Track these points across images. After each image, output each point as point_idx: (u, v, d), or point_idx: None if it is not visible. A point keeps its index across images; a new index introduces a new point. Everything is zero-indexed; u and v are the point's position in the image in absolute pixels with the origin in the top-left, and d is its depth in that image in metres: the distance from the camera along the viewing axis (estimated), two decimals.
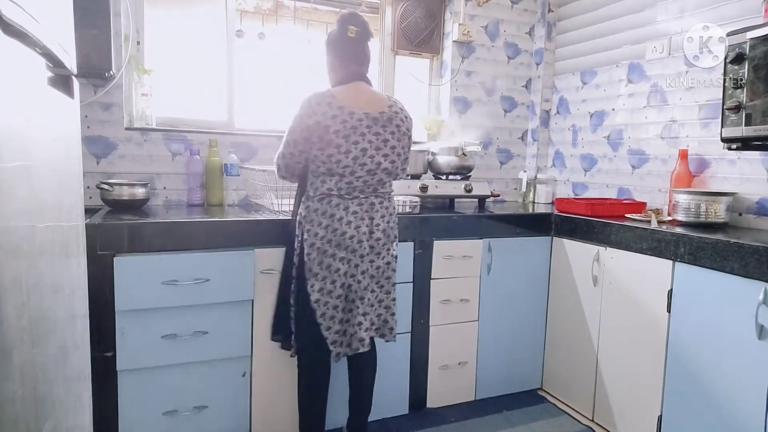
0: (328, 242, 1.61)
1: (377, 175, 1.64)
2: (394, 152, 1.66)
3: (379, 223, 1.67)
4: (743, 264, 1.53)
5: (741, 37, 1.69)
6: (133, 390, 1.67)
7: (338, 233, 1.60)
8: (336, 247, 1.61)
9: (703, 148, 2.12)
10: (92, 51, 1.83)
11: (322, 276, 1.61)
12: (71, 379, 0.88)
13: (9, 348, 0.55)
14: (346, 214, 1.61)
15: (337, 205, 1.60)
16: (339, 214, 1.60)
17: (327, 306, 1.62)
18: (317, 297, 1.61)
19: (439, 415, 2.17)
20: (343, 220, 1.61)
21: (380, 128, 1.62)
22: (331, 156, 1.56)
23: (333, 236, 1.60)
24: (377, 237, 1.67)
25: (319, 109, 1.56)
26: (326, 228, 1.60)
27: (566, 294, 2.28)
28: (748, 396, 1.53)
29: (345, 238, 1.61)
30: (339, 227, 1.60)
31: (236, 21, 2.43)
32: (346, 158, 1.57)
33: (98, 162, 2.12)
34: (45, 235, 0.72)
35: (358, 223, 1.62)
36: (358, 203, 1.63)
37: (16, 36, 0.61)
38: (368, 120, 1.60)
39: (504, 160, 3.01)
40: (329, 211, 1.60)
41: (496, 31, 2.89)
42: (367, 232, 1.65)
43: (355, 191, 1.62)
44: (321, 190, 1.61)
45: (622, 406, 2.00)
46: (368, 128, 1.59)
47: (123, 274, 1.62)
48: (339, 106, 1.57)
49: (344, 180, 1.60)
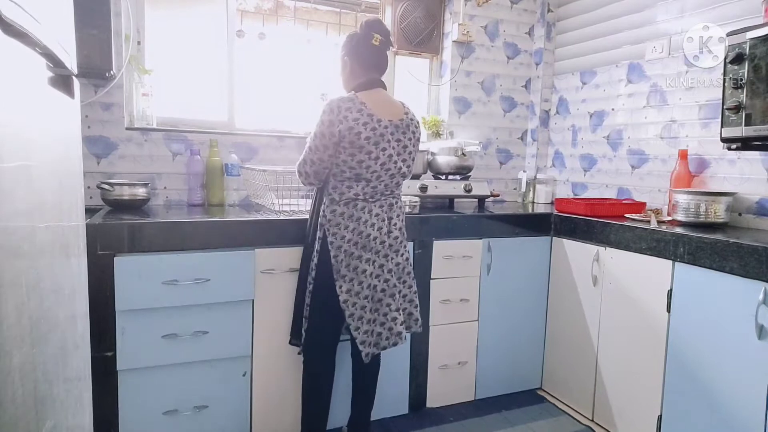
0: (354, 245, 1.65)
1: (396, 178, 1.71)
2: (411, 157, 1.75)
3: (396, 222, 1.74)
4: (743, 264, 1.53)
5: (741, 37, 1.69)
6: (134, 390, 1.68)
7: (363, 235, 1.65)
8: (362, 249, 1.66)
9: (703, 148, 2.12)
10: (93, 51, 1.83)
11: (350, 278, 1.65)
12: (71, 379, 0.88)
13: (9, 348, 0.55)
14: (370, 216, 1.66)
15: (362, 209, 1.65)
16: (364, 218, 1.66)
17: (355, 306, 1.66)
18: (345, 298, 1.65)
19: (439, 414, 2.17)
20: (367, 222, 1.66)
21: (401, 135, 1.69)
22: (362, 162, 1.61)
23: (359, 239, 1.65)
24: (395, 236, 1.73)
25: (351, 116, 1.58)
26: (353, 231, 1.65)
27: (566, 294, 2.28)
28: (748, 396, 1.53)
29: (369, 239, 1.66)
30: (364, 230, 1.65)
31: (237, 21, 2.43)
32: (375, 164, 1.62)
33: (99, 162, 2.12)
34: (45, 235, 0.72)
35: (380, 224, 1.68)
36: (380, 205, 1.69)
37: (17, 36, 0.61)
38: (392, 127, 1.66)
39: (503, 160, 3.01)
40: (356, 215, 1.65)
41: (496, 31, 2.90)
42: (387, 232, 1.70)
43: (376, 194, 1.68)
44: (347, 195, 1.65)
45: (621, 406, 2.00)
46: (392, 135, 1.66)
47: (123, 273, 1.62)
48: (369, 114, 1.61)
49: (370, 185, 1.65)
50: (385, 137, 1.63)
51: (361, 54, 1.70)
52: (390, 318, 1.70)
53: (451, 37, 2.79)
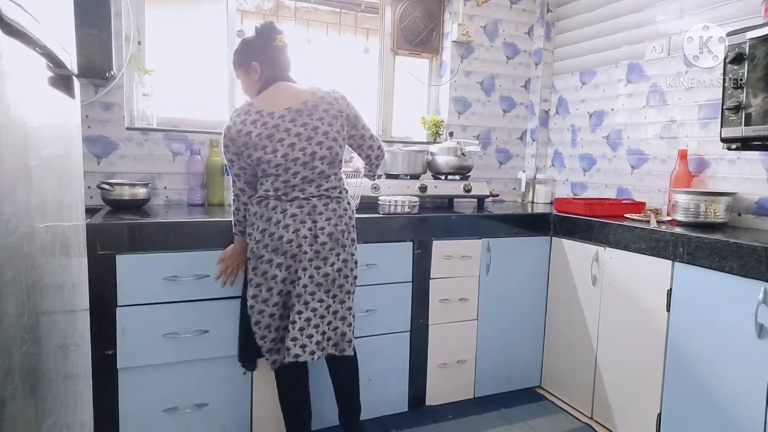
0: (265, 247, 1.55)
1: (316, 167, 1.57)
2: (329, 137, 1.59)
3: (324, 226, 1.58)
4: (742, 264, 1.53)
5: (741, 37, 1.69)
6: (134, 387, 1.68)
7: (275, 237, 1.54)
8: (273, 252, 1.54)
9: (703, 148, 2.12)
10: (93, 51, 1.83)
11: (257, 282, 1.56)
12: (72, 377, 0.88)
13: (9, 346, 0.56)
14: (283, 217, 1.55)
15: (274, 208, 1.55)
16: (276, 218, 1.55)
17: (262, 314, 1.57)
18: (251, 303, 1.58)
19: (438, 412, 2.18)
20: (280, 223, 1.54)
21: (306, 118, 1.57)
22: (260, 159, 1.54)
23: (270, 240, 1.54)
24: (322, 241, 1.57)
25: (239, 119, 1.55)
26: (263, 232, 1.55)
27: (565, 293, 2.29)
28: (747, 394, 1.53)
29: (282, 242, 1.53)
30: (276, 231, 1.54)
31: (237, 21, 2.43)
32: (275, 157, 1.54)
33: (99, 162, 2.13)
34: (45, 235, 0.73)
35: (297, 226, 1.55)
36: (298, 205, 1.56)
37: (17, 36, 0.61)
38: (291, 114, 1.56)
39: (503, 160, 3.02)
40: (266, 215, 1.56)
41: (495, 31, 2.90)
42: (310, 236, 1.56)
43: (293, 191, 1.57)
44: (259, 192, 1.58)
45: (621, 404, 2.01)
46: (292, 122, 1.56)
47: (125, 269, 1.63)
48: (257, 111, 1.56)
49: (280, 179, 1.55)
50: (280, 127, 1.54)
51: (268, 55, 1.64)
52: (305, 334, 1.56)
53: (451, 37, 2.79)
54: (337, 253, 1.61)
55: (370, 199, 2.20)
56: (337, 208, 1.62)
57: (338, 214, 1.62)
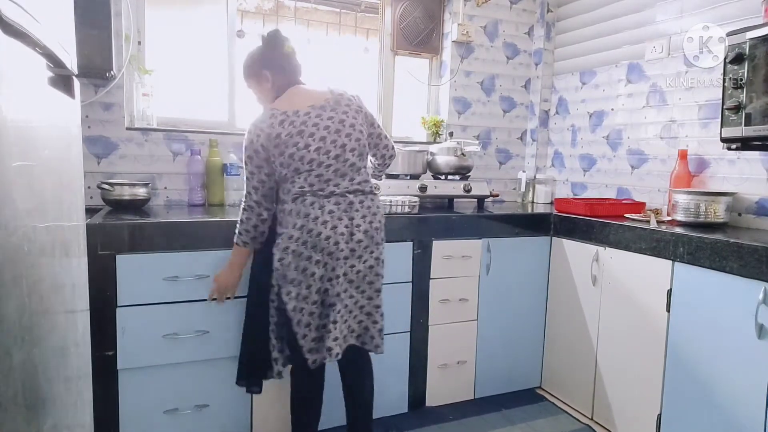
0: (303, 244, 1.52)
1: (348, 159, 1.58)
2: (356, 129, 1.61)
3: (360, 223, 1.58)
4: (743, 264, 1.53)
5: (741, 37, 1.69)
6: (134, 389, 1.68)
7: (314, 234, 1.51)
8: (312, 249, 1.52)
9: (703, 148, 2.12)
10: (93, 51, 1.83)
11: (298, 281, 1.53)
12: (72, 378, 0.88)
13: (9, 347, 0.56)
14: (321, 213, 1.53)
15: (312, 204, 1.53)
16: (314, 214, 1.52)
17: (303, 312, 1.54)
18: (294, 304, 1.53)
19: (438, 413, 2.18)
20: (318, 219, 1.52)
21: (331, 112, 1.58)
22: (292, 155, 1.52)
23: (308, 237, 1.51)
24: (358, 239, 1.57)
25: (264, 125, 1.54)
26: (301, 229, 1.52)
27: (565, 294, 2.28)
28: (747, 395, 1.53)
29: (320, 239, 1.52)
30: (314, 227, 1.51)
31: (237, 21, 2.43)
32: (308, 152, 1.53)
33: (99, 162, 2.12)
34: (45, 235, 0.72)
35: (335, 223, 1.54)
36: (335, 202, 1.55)
37: (17, 36, 0.61)
38: (315, 110, 1.57)
39: (503, 160, 3.01)
40: (303, 211, 1.53)
41: (495, 31, 2.90)
42: (346, 234, 1.55)
43: (328, 186, 1.56)
44: (293, 190, 1.55)
45: (621, 405, 2.01)
46: (318, 117, 1.56)
47: (125, 270, 1.63)
48: (282, 112, 1.55)
49: (313, 174, 1.54)
50: (308, 123, 1.54)
51: (278, 63, 1.64)
52: (339, 328, 1.56)
53: (451, 37, 2.79)
54: (371, 251, 1.62)
55: None
56: (371, 205, 1.62)
57: (372, 211, 1.62)
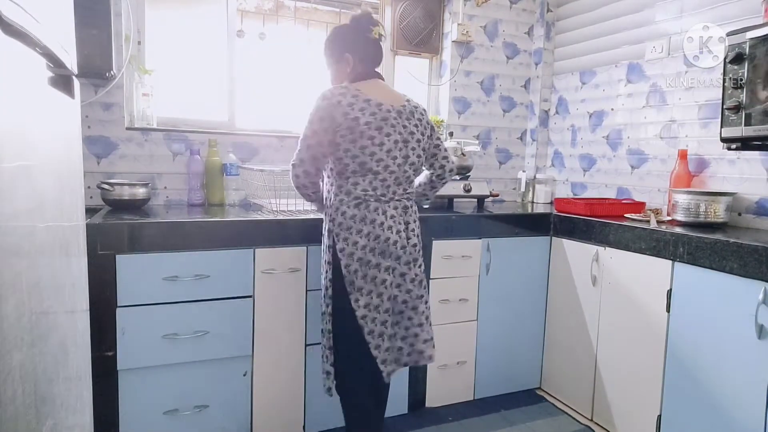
0: (371, 251, 1.48)
1: (407, 171, 1.57)
2: (420, 146, 1.61)
3: (414, 228, 1.61)
4: (743, 264, 1.53)
5: (741, 37, 1.69)
6: (134, 389, 1.68)
7: (381, 240, 1.49)
8: (380, 255, 1.49)
9: (703, 148, 2.12)
10: (93, 51, 1.83)
11: (368, 290, 1.49)
12: (71, 379, 0.88)
13: (9, 347, 0.56)
14: (386, 218, 1.50)
15: (375, 210, 1.49)
16: (380, 219, 1.49)
17: (375, 322, 1.49)
18: (364, 313, 1.48)
19: (438, 414, 2.17)
20: (384, 225, 1.50)
21: (405, 121, 1.57)
22: (364, 148, 1.47)
23: (376, 244, 1.48)
24: (414, 243, 1.59)
25: (345, 101, 1.47)
26: (367, 236, 1.48)
27: (565, 294, 2.28)
28: (747, 395, 1.53)
29: (389, 244, 1.50)
30: (381, 233, 1.49)
31: (237, 21, 2.43)
32: (380, 150, 1.48)
33: (99, 162, 2.12)
34: (45, 235, 0.72)
35: (397, 227, 1.53)
36: (394, 206, 1.54)
37: (16, 36, 0.61)
38: (394, 112, 1.54)
39: (503, 160, 3.01)
40: (369, 217, 1.49)
41: (495, 31, 2.90)
42: (405, 238, 1.56)
43: (389, 192, 1.53)
44: (355, 193, 1.49)
45: (621, 406, 2.00)
46: (396, 120, 1.53)
47: (125, 270, 1.62)
48: (365, 99, 1.50)
49: (378, 178, 1.50)
50: (388, 121, 1.50)
51: (360, 47, 1.61)
52: (412, 333, 1.56)
53: (451, 37, 2.79)
54: (421, 254, 1.65)
55: None
56: (416, 210, 1.66)
57: (417, 215, 1.66)
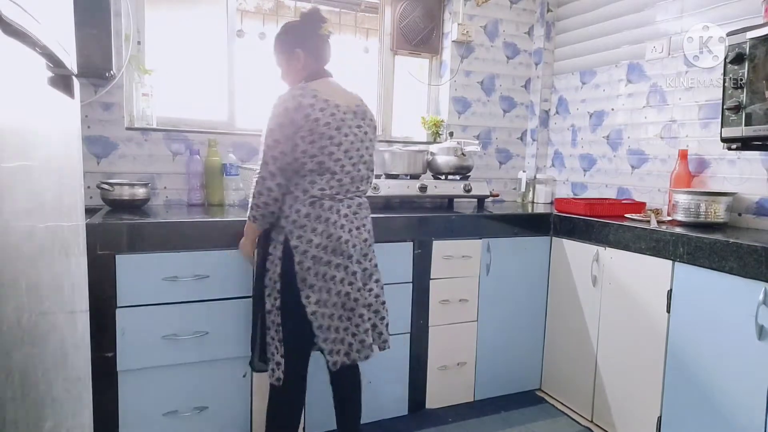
0: (324, 249, 1.52)
1: (360, 170, 1.61)
2: (372, 145, 1.67)
3: (365, 223, 1.65)
4: (743, 264, 1.53)
5: (741, 37, 1.69)
6: (134, 390, 1.68)
7: (333, 238, 1.53)
8: (332, 253, 1.53)
9: (703, 148, 2.12)
10: (93, 51, 1.83)
11: (319, 287, 1.52)
12: (71, 379, 0.88)
13: (9, 348, 0.55)
14: (339, 217, 1.54)
15: (330, 208, 1.53)
16: (333, 218, 1.53)
17: (324, 317, 1.54)
18: (314, 309, 1.52)
19: (438, 415, 2.17)
20: (337, 223, 1.54)
21: (360, 121, 1.61)
22: (324, 148, 1.50)
23: (329, 242, 1.52)
24: (365, 238, 1.63)
25: (305, 102, 1.49)
26: (321, 234, 1.52)
27: (565, 294, 2.28)
28: (748, 396, 1.53)
29: (341, 242, 1.54)
30: (334, 232, 1.53)
31: (237, 21, 2.43)
32: (338, 150, 1.52)
33: (99, 162, 2.12)
34: (45, 235, 0.72)
35: (350, 225, 1.57)
36: (347, 204, 1.58)
37: (16, 36, 0.61)
38: (350, 113, 1.58)
39: (503, 160, 3.01)
40: (323, 215, 1.52)
41: (495, 30, 2.90)
42: (357, 235, 1.60)
43: (342, 191, 1.57)
44: (311, 192, 1.52)
45: (621, 407, 2.00)
46: (352, 121, 1.57)
47: (125, 270, 1.62)
48: (324, 99, 1.52)
49: (335, 178, 1.54)
50: (346, 122, 1.54)
51: (312, 44, 1.61)
52: (362, 329, 1.58)
53: (451, 36, 2.79)
54: (373, 249, 1.68)
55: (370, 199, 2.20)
56: (368, 206, 1.70)
57: (369, 212, 1.70)
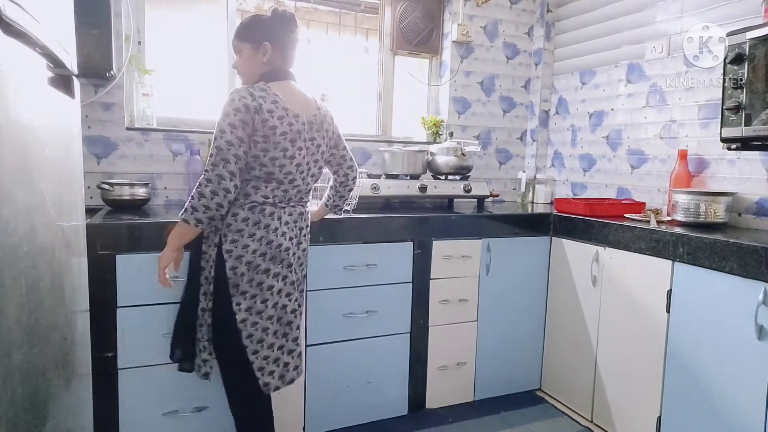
0: (261, 256, 1.44)
1: (308, 183, 1.56)
2: (323, 157, 1.61)
3: (306, 232, 1.60)
4: (742, 264, 1.53)
5: (741, 37, 1.69)
6: (134, 391, 1.68)
7: (273, 245, 1.46)
8: (270, 261, 1.46)
9: (703, 148, 2.12)
10: (93, 51, 1.83)
11: (252, 294, 1.44)
12: (71, 379, 0.88)
13: (9, 348, 0.55)
14: (280, 224, 1.48)
15: (271, 215, 1.46)
16: (274, 225, 1.46)
17: (256, 327, 1.45)
18: (244, 317, 1.44)
19: (438, 415, 2.17)
20: (278, 231, 1.47)
21: (315, 133, 1.54)
22: (275, 159, 1.43)
23: (267, 249, 1.45)
24: (304, 247, 1.59)
25: (266, 106, 1.41)
26: (260, 240, 1.44)
27: (565, 294, 2.28)
28: (747, 396, 1.53)
29: (281, 250, 1.47)
30: (275, 239, 1.46)
31: (237, 21, 2.43)
32: (291, 164, 1.46)
33: (99, 162, 2.12)
34: (45, 235, 0.72)
35: (291, 234, 1.51)
36: (289, 212, 1.52)
37: (17, 36, 0.61)
38: (308, 124, 1.51)
39: (503, 160, 3.01)
40: (263, 222, 1.45)
41: (495, 31, 2.90)
42: (297, 244, 1.55)
43: (285, 198, 1.50)
44: (253, 197, 1.45)
45: (621, 407, 2.00)
46: (307, 133, 1.51)
47: (125, 270, 1.62)
48: (284, 107, 1.45)
49: (281, 188, 1.47)
50: (302, 135, 1.48)
51: (281, 43, 1.51)
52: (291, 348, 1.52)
53: (451, 37, 2.79)
54: (307, 259, 1.64)
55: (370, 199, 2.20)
56: (309, 214, 1.64)
57: (310, 220, 1.65)
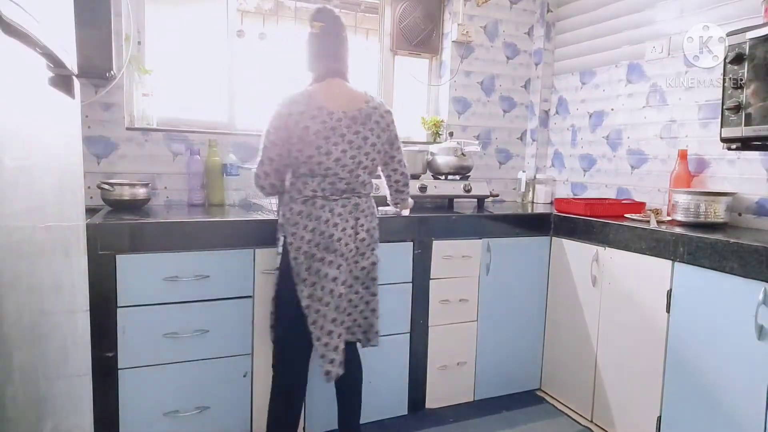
0: (316, 246, 1.56)
1: (359, 175, 1.62)
2: (375, 149, 1.64)
3: (364, 223, 1.65)
4: (743, 264, 1.53)
5: (741, 37, 1.69)
6: (134, 390, 1.68)
7: (325, 236, 1.55)
8: (324, 250, 1.56)
9: (703, 148, 2.12)
10: (93, 51, 1.83)
11: (311, 281, 1.56)
12: (72, 379, 0.88)
13: (9, 348, 0.55)
14: (331, 215, 1.57)
15: (322, 207, 1.56)
16: (325, 216, 1.56)
17: (318, 314, 1.56)
18: (307, 303, 1.56)
19: (438, 415, 2.17)
20: (329, 222, 1.56)
21: (359, 126, 1.59)
22: (311, 157, 1.53)
23: (320, 239, 1.56)
24: (362, 237, 1.64)
25: (296, 109, 1.52)
26: (312, 231, 1.56)
27: (565, 294, 2.28)
28: (747, 396, 1.53)
29: (333, 240, 1.56)
30: (326, 230, 1.56)
31: (237, 21, 2.43)
32: (327, 160, 1.54)
33: (99, 162, 2.12)
34: (45, 235, 0.72)
35: (344, 225, 1.59)
36: (342, 204, 1.59)
37: (17, 36, 0.61)
38: (347, 119, 1.57)
39: (503, 160, 3.01)
40: (314, 213, 1.56)
41: (495, 31, 2.90)
42: (353, 234, 1.61)
43: (337, 192, 1.59)
44: (304, 192, 1.57)
45: (621, 407, 2.00)
46: (348, 128, 1.56)
47: (125, 270, 1.62)
48: (318, 107, 1.53)
49: (327, 180, 1.57)
50: (338, 131, 1.54)
51: (308, 45, 1.65)
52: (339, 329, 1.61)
53: (451, 37, 2.79)
54: (372, 248, 1.69)
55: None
56: (371, 205, 1.70)
57: (372, 212, 1.70)
